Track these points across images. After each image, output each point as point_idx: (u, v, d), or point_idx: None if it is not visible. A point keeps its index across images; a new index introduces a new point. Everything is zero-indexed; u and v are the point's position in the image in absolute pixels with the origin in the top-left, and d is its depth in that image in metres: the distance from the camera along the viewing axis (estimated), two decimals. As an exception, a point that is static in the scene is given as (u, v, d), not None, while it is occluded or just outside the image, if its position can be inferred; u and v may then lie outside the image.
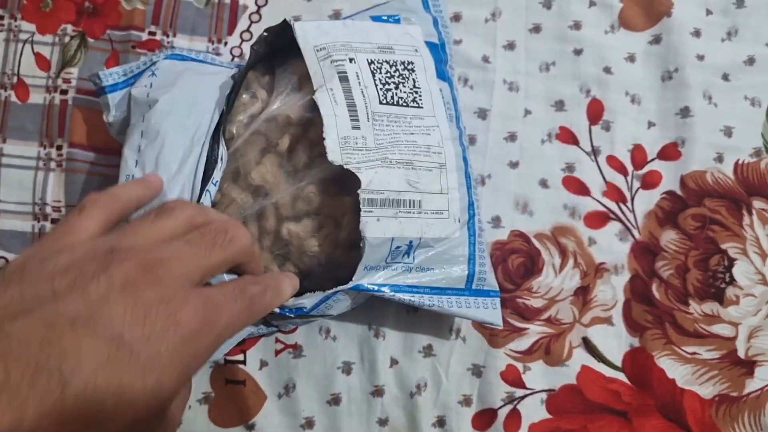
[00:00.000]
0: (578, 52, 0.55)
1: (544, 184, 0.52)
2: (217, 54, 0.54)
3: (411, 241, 0.43)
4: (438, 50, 0.49)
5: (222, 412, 0.49)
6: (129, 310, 0.27)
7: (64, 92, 0.52)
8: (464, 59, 0.54)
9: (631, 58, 0.55)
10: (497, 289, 0.47)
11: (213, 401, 0.49)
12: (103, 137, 0.50)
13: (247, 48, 0.54)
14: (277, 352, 0.49)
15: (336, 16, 0.55)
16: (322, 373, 0.49)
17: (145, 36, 0.53)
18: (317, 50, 0.44)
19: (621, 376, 0.49)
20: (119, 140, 0.46)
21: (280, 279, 0.38)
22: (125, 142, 0.45)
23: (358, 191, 0.41)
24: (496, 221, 0.52)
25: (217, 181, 0.43)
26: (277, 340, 0.49)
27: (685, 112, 0.53)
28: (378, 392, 0.49)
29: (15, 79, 0.52)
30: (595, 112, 0.54)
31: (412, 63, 0.46)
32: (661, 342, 0.50)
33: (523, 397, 0.49)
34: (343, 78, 0.44)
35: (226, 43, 0.54)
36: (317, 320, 0.49)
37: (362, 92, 0.44)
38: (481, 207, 0.51)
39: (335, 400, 0.49)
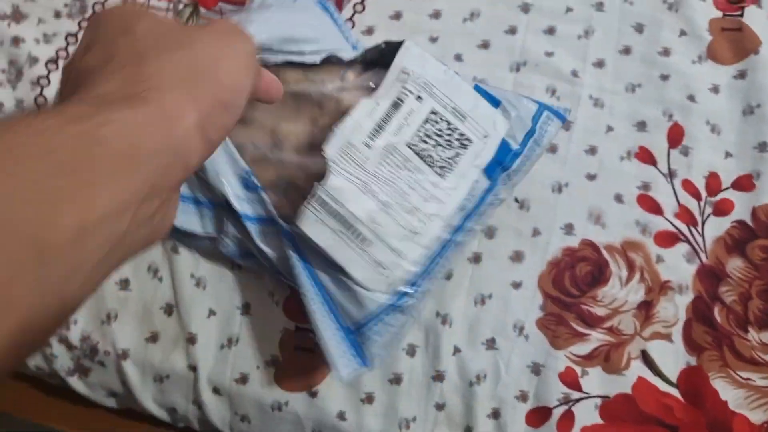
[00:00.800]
0: (665, 77, 0.56)
1: (619, 198, 0.54)
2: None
3: (335, 262, 0.43)
4: (507, 153, 0.47)
5: (288, 377, 0.51)
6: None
7: (174, 55, 0.55)
8: (554, 71, 0.56)
9: (716, 90, 0.56)
10: (369, 363, 0.45)
11: (280, 365, 0.51)
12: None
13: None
14: (347, 326, 0.51)
15: (436, 15, 0.57)
16: (388, 351, 0.51)
17: (254, 12, 0.56)
18: (402, 71, 0.45)
19: (675, 392, 0.51)
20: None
21: None
22: None
23: (318, 183, 0.42)
24: (569, 228, 0.54)
25: None
26: (348, 315, 0.51)
27: (762, 147, 0.55)
28: (438, 377, 0.51)
29: (129, 37, 0.55)
30: (676, 137, 0.55)
31: (470, 141, 0.46)
32: (718, 364, 0.51)
33: (578, 400, 0.51)
34: (396, 104, 0.44)
35: (329, 28, 0.57)
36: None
37: (400, 126, 0.44)
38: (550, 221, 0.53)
39: (397, 380, 0.51)
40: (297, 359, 0.51)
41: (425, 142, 0.44)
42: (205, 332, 0.52)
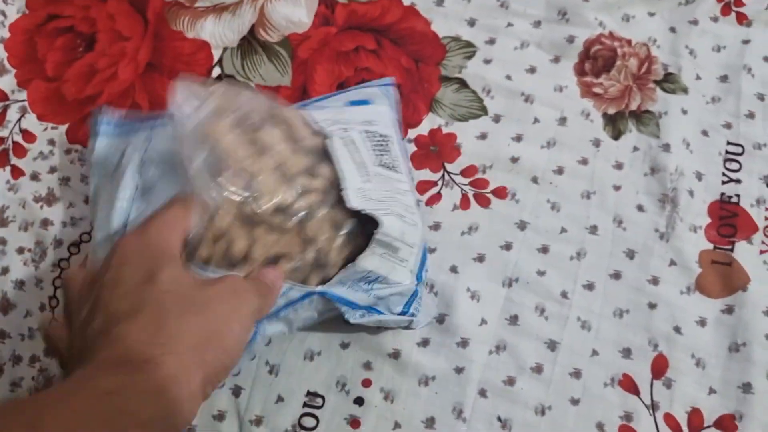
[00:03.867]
0: (652, 306, 0.58)
1: (600, 427, 0.55)
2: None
3: (379, 276, 0.49)
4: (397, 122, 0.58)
5: None
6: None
7: None
8: (545, 290, 0.58)
9: (702, 323, 0.58)
10: (412, 314, 0.52)
11: None
12: None
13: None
14: None
15: (435, 227, 0.60)
16: None
17: None
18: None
19: None
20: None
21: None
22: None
23: (376, 232, 0.48)
24: (549, 456, 0.54)
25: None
26: None
27: (747, 387, 0.55)
28: None
29: None
30: (659, 368, 0.56)
31: (387, 136, 0.54)
32: None
33: None
34: (350, 141, 0.51)
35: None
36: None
37: (362, 155, 0.51)
38: None
39: None
40: None
41: (377, 155, 0.52)
42: None
